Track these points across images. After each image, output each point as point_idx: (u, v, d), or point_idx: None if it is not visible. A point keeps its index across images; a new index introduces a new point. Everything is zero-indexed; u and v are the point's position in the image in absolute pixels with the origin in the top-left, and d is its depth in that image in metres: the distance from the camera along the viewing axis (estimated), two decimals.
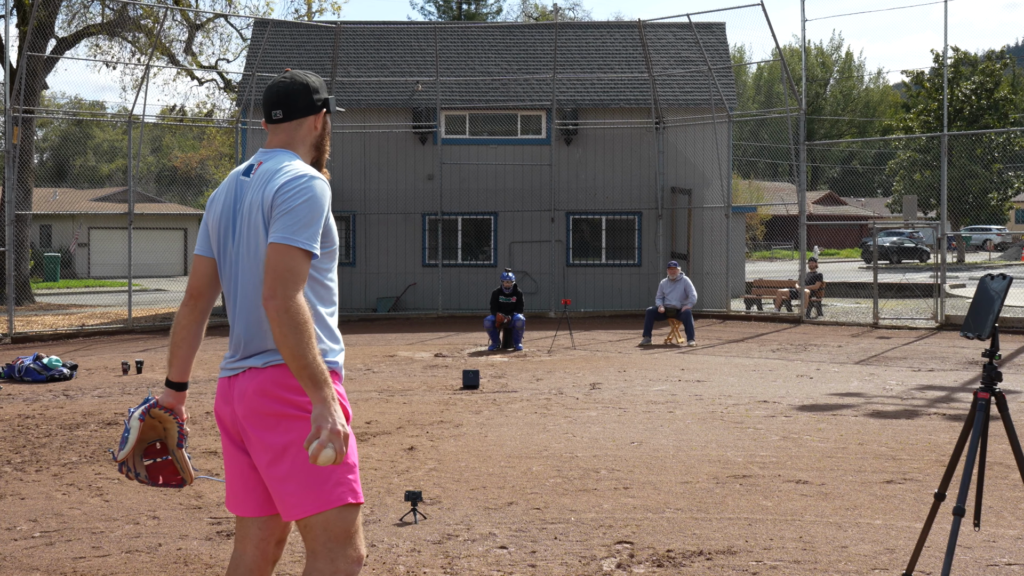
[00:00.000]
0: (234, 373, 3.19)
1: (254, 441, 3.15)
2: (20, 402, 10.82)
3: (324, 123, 3.37)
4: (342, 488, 3.11)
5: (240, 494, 3.28)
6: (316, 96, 3.31)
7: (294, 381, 3.09)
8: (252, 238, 3.16)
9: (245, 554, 3.32)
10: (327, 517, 3.10)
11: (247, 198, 3.20)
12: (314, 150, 3.35)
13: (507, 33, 26.44)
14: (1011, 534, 5.54)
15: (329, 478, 3.10)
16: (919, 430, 8.66)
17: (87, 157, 66.79)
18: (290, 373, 3.09)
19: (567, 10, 60.62)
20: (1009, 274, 4.50)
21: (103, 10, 28.50)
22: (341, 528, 3.11)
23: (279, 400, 3.11)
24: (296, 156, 3.26)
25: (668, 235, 23.42)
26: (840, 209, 65.41)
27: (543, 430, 8.78)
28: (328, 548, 3.11)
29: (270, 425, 3.11)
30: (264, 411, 3.11)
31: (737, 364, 13.82)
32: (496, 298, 16.20)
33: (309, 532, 3.13)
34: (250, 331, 3.17)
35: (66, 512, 6.19)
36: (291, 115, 3.29)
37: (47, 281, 38.33)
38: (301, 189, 3.08)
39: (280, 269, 2.98)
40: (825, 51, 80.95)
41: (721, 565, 5.06)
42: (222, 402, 3.23)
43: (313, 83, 3.33)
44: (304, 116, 3.30)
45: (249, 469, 3.24)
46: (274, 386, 3.11)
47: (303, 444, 2.96)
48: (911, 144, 44.05)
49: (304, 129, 3.32)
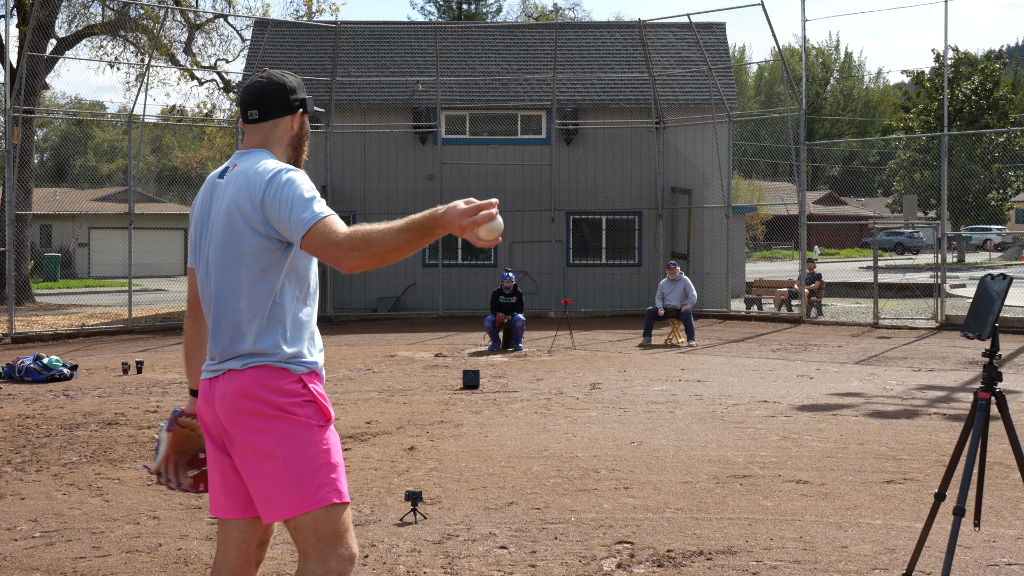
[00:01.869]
0: (215, 375, 3.19)
1: (237, 443, 3.14)
2: (20, 402, 10.82)
3: (302, 123, 3.35)
4: (326, 489, 3.10)
5: (222, 497, 3.27)
6: (293, 96, 3.30)
7: (274, 382, 3.10)
8: (228, 240, 3.15)
9: (227, 556, 3.31)
10: (315, 517, 3.10)
11: (222, 200, 3.19)
12: (291, 150, 3.33)
13: (507, 33, 26.44)
14: (1011, 534, 5.54)
15: (312, 479, 3.09)
16: (919, 430, 8.66)
17: (87, 157, 66.78)
18: (270, 375, 3.11)
19: (567, 10, 60.64)
20: (1009, 274, 4.50)
21: (103, 10, 28.51)
22: (331, 528, 3.11)
23: (260, 401, 3.10)
24: (271, 155, 3.24)
25: (668, 235, 23.42)
26: (840, 209, 65.40)
27: (543, 430, 8.78)
28: (319, 548, 3.11)
29: (252, 426, 3.11)
30: (246, 412, 3.11)
31: (737, 364, 13.82)
32: (496, 298, 16.20)
33: (299, 534, 3.13)
34: (226, 333, 3.16)
35: (66, 512, 6.19)
36: (267, 115, 3.28)
37: (47, 281, 38.33)
38: (286, 182, 3.08)
39: (324, 246, 2.95)
40: (824, 51, 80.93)
41: (721, 565, 5.06)
42: (204, 404, 3.23)
43: (290, 83, 3.31)
44: (280, 116, 3.29)
45: (231, 471, 3.23)
46: (255, 387, 3.10)
47: None
48: (911, 144, 44.04)
49: (281, 129, 3.30)
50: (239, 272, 3.14)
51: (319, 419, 3.14)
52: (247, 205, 3.10)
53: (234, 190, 3.16)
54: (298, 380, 3.13)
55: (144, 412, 9.94)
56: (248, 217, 3.10)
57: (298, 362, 3.15)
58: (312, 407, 3.14)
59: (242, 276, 3.14)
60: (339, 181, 22.99)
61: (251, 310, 3.13)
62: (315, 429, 3.13)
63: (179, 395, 11.14)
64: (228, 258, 3.15)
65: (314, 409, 3.14)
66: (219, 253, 3.17)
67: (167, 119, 32.53)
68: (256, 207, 3.09)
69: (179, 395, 11.14)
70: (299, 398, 3.12)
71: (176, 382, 12.32)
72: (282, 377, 3.12)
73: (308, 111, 3.35)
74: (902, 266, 39.38)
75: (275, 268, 3.14)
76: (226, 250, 3.15)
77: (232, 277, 3.15)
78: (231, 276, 3.15)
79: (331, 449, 3.15)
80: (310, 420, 3.12)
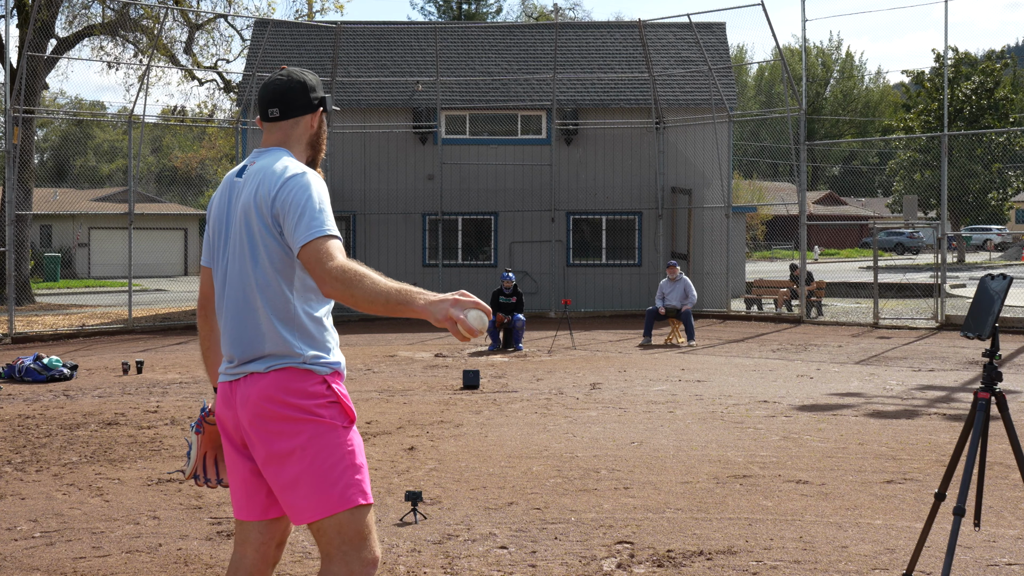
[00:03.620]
0: (235, 378, 3.16)
1: (259, 447, 3.12)
2: (20, 402, 10.82)
3: (320, 121, 3.34)
4: (352, 490, 3.08)
5: (243, 499, 3.25)
6: (313, 94, 3.29)
7: (298, 384, 3.08)
8: (245, 238, 3.14)
9: (245, 557, 3.29)
10: (340, 520, 3.07)
11: (239, 199, 3.18)
12: (310, 148, 3.33)
13: (507, 33, 26.44)
14: (1011, 534, 5.54)
15: (339, 481, 3.07)
16: (919, 430, 8.66)
17: (87, 157, 66.77)
18: (294, 377, 3.09)
19: (567, 10, 60.63)
20: (1009, 274, 4.49)
21: (103, 11, 28.50)
22: (355, 530, 3.09)
23: (284, 404, 3.08)
24: (290, 154, 3.23)
25: (668, 235, 23.42)
26: (840, 209, 65.39)
27: (543, 430, 8.78)
28: (343, 551, 3.09)
29: (276, 430, 3.09)
30: (269, 416, 3.09)
31: (737, 364, 13.82)
32: (496, 298, 16.20)
33: (323, 535, 3.10)
34: (245, 335, 3.14)
35: (66, 512, 6.19)
36: (288, 113, 3.27)
37: (47, 281, 38.33)
38: (301, 186, 3.07)
39: (316, 264, 2.96)
40: (825, 51, 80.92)
41: (721, 565, 5.06)
42: (223, 406, 3.20)
43: (310, 81, 3.31)
44: (301, 114, 3.28)
45: (251, 474, 3.21)
46: (278, 391, 3.08)
47: None
48: (911, 144, 44.05)
49: (301, 127, 3.29)
50: (257, 272, 3.12)
51: (343, 420, 3.12)
52: (263, 203, 3.10)
53: (251, 188, 3.15)
54: (322, 381, 3.11)
55: (144, 412, 9.94)
56: (264, 216, 3.10)
57: (321, 363, 3.13)
58: (336, 408, 3.12)
59: (260, 276, 3.12)
60: (339, 181, 22.99)
61: (270, 311, 3.11)
62: (340, 430, 3.11)
63: (179, 395, 11.15)
64: (245, 258, 3.13)
65: (338, 410, 3.12)
66: (237, 253, 3.16)
67: (167, 119, 32.51)
68: (269, 204, 3.09)
69: (179, 395, 11.15)
70: (323, 399, 3.10)
71: (176, 382, 12.32)
72: (306, 379, 3.10)
73: (327, 109, 3.35)
74: (902, 266, 39.38)
75: (292, 267, 3.11)
76: (243, 249, 3.14)
77: (250, 277, 3.13)
78: (249, 276, 3.13)
79: (355, 450, 3.13)
80: (335, 421, 3.10)
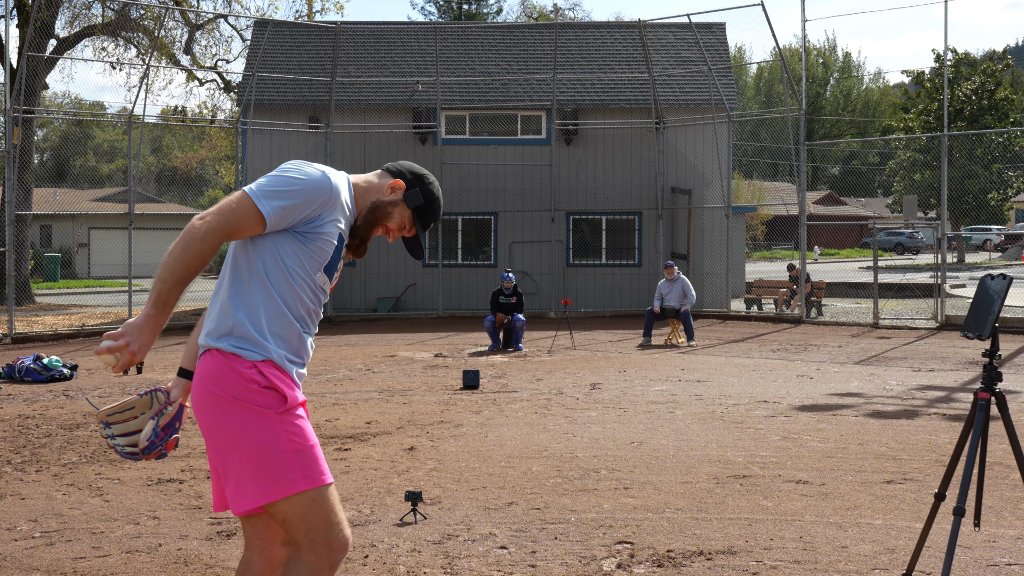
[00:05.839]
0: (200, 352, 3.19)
1: (201, 429, 3.10)
2: (20, 402, 10.82)
3: (396, 212, 3.29)
4: (293, 475, 3.00)
5: (215, 490, 3.22)
6: (413, 191, 3.30)
7: (229, 368, 3.02)
8: None
9: (252, 562, 3.25)
10: (291, 507, 3.01)
11: None
12: (369, 213, 3.26)
13: (507, 33, 26.44)
14: (1011, 534, 5.54)
15: (274, 468, 2.99)
16: (919, 430, 8.66)
17: (87, 157, 66.78)
18: (226, 360, 3.03)
19: (567, 10, 60.63)
20: (1009, 274, 4.49)
21: (103, 11, 28.50)
22: (318, 515, 3.04)
23: (217, 385, 3.03)
24: (349, 179, 3.25)
25: (668, 235, 23.42)
26: (840, 209, 65.39)
27: (543, 430, 8.78)
28: (310, 539, 3.04)
29: (207, 411, 3.05)
30: (201, 396, 3.06)
31: (737, 364, 13.82)
32: (496, 298, 16.20)
33: (288, 524, 3.05)
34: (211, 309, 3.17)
35: (66, 512, 6.19)
36: (396, 176, 3.31)
37: (47, 281, 38.34)
38: (297, 167, 3.09)
39: (220, 204, 2.98)
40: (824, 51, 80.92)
41: (721, 565, 5.06)
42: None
43: (432, 192, 3.34)
44: (393, 179, 3.30)
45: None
46: (211, 372, 3.05)
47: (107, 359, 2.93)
48: (911, 144, 44.04)
49: (381, 185, 3.29)
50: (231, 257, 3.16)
51: (277, 406, 3.03)
52: None
53: None
54: (252, 366, 3.03)
55: None
56: None
57: (253, 349, 3.05)
58: (271, 394, 3.03)
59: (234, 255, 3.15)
60: None
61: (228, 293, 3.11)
62: (272, 417, 3.02)
63: None
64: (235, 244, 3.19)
65: (273, 396, 3.04)
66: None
67: (167, 119, 32.50)
68: None
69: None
70: (255, 384, 3.02)
71: None
72: (237, 362, 3.03)
73: (411, 206, 3.31)
74: (902, 266, 39.38)
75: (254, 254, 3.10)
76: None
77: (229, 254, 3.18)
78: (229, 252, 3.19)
79: (293, 435, 3.04)
80: (267, 409, 3.02)
